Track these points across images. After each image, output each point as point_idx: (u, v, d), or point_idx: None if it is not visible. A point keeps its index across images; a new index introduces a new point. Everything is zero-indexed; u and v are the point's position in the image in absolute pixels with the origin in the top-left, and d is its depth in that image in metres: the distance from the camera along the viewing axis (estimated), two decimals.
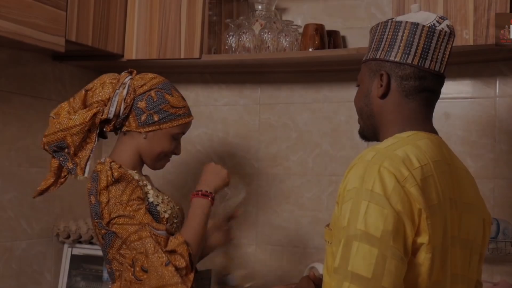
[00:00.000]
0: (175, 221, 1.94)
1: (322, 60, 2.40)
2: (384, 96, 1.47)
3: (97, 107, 1.89)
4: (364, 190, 1.27)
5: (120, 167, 1.85)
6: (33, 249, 2.55)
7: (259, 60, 2.45)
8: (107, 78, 1.95)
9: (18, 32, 2.04)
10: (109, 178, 1.81)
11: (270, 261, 2.68)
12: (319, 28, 2.41)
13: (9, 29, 2.00)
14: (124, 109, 1.91)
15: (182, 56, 2.46)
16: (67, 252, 2.60)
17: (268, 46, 2.46)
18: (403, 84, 1.45)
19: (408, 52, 1.44)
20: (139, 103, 1.92)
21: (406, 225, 1.26)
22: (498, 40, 1.98)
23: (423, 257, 1.29)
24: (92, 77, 2.82)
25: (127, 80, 1.94)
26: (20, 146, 2.47)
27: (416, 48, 1.43)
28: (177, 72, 2.78)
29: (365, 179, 1.28)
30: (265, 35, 2.46)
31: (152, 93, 1.93)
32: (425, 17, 1.46)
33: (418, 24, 1.44)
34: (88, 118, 1.86)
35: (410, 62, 1.43)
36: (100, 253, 2.06)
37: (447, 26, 1.46)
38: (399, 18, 1.48)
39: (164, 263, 1.76)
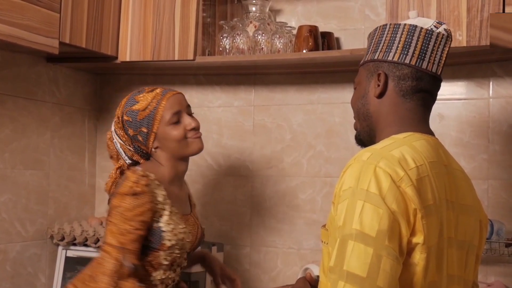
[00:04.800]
0: (177, 252, 1.91)
1: (316, 62, 2.40)
2: (381, 95, 1.48)
3: (115, 163, 2.04)
4: (360, 190, 1.27)
5: (147, 184, 1.84)
6: (28, 251, 2.54)
7: (253, 62, 2.45)
8: (107, 140, 2.05)
9: (12, 34, 2.04)
10: (130, 189, 1.82)
11: (264, 263, 2.68)
12: (313, 29, 2.42)
13: (2, 31, 2.00)
14: (130, 146, 1.98)
15: (176, 58, 2.46)
16: (61, 254, 2.58)
17: (262, 48, 2.46)
18: (400, 84, 1.46)
19: (406, 52, 1.45)
20: (129, 132, 1.96)
21: (401, 225, 1.26)
22: (493, 41, 1.97)
23: (418, 257, 1.29)
24: (86, 79, 2.85)
25: (112, 128, 2.02)
26: (14, 148, 2.47)
27: (414, 49, 1.45)
28: (171, 74, 2.78)
29: (361, 179, 1.28)
30: (259, 37, 2.46)
31: (124, 117, 1.96)
32: (423, 22, 1.49)
33: (416, 26, 1.47)
34: (114, 173, 2.01)
35: (407, 62, 1.45)
36: (94, 255, 2.05)
37: (445, 30, 1.49)
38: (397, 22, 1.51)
39: None
